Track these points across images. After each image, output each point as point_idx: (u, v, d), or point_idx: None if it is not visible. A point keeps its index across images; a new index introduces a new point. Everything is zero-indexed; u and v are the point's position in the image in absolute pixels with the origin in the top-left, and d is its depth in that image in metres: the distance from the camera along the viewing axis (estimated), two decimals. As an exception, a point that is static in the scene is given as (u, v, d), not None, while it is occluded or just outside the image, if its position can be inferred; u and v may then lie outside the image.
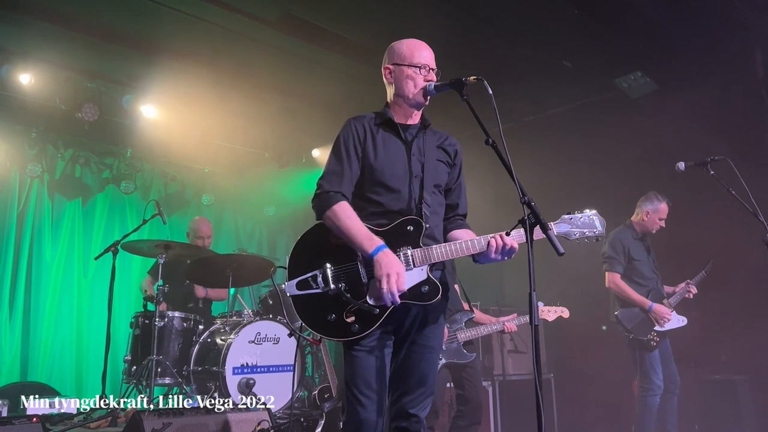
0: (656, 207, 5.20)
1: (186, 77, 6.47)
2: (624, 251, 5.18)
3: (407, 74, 2.70)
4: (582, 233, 2.61)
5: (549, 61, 6.23)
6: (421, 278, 2.54)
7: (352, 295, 2.48)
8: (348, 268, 2.53)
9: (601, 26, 5.64)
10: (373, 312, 2.47)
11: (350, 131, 2.68)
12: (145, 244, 5.35)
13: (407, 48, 2.75)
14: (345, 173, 2.62)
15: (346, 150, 2.65)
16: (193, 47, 6.11)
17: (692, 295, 5.20)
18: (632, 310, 5.08)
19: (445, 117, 3.74)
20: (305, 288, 2.51)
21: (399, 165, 2.66)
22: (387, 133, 2.71)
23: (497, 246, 2.52)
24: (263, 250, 8.70)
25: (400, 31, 3.10)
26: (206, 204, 8.37)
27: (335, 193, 2.57)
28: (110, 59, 6.39)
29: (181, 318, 5.26)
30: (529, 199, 2.30)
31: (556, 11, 5.46)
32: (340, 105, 6.96)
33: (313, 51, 6.21)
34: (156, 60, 6.29)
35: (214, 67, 6.43)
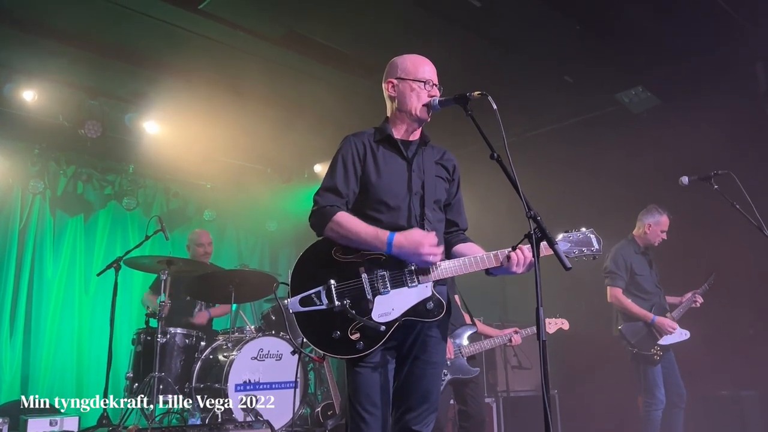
0: (657, 219, 5.20)
1: (188, 94, 6.52)
2: (626, 266, 5.18)
3: (411, 89, 2.70)
4: (580, 251, 2.62)
5: (551, 76, 6.27)
6: (425, 294, 2.52)
7: (356, 312, 2.47)
8: (352, 285, 2.51)
9: (602, 41, 5.68)
10: (379, 329, 2.46)
11: (349, 148, 2.67)
12: (148, 260, 5.35)
13: (411, 63, 2.76)
14: (341, 190, 2.61)
15: (344, 167, 2.64)
16: (196, 64, 6.15)
17: (699, 304, 5.20)
18: (635, 324, 5.07)
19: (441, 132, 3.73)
20: (308, 304, 2.50)
21: (400, 182, 2.66)
22: (387, 150, 2.71)
23: (519, 260, 2.50)
24: (265, 266, 8.69)
25: (402, 47, 3.12)
26: (208, 219, 8.38)
27: (331, 207, 2.57)
28: (113, 76, 6.44)
29: (183, 334, 5.24)
30: (535, 214, 2.29)
31: (558, 26, 5.50)
32: (342, 120, 6.98)
33: (315, 67, 6.26)
34: (159, 77, 6.34)
35: (216, 83, 6.47)
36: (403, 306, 2.50)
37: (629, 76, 6.18)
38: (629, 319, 5.09)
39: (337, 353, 2.50)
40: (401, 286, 2.51)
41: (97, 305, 7.25)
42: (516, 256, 2.49)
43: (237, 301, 5.55)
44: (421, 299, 2.51)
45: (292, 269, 2.60)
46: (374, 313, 2.48)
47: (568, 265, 2.22)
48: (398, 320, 2.48)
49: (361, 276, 2.51)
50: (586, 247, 2.62)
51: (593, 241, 2.62)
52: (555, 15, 5.34)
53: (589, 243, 2.62)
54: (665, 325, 4.99)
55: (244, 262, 7.72)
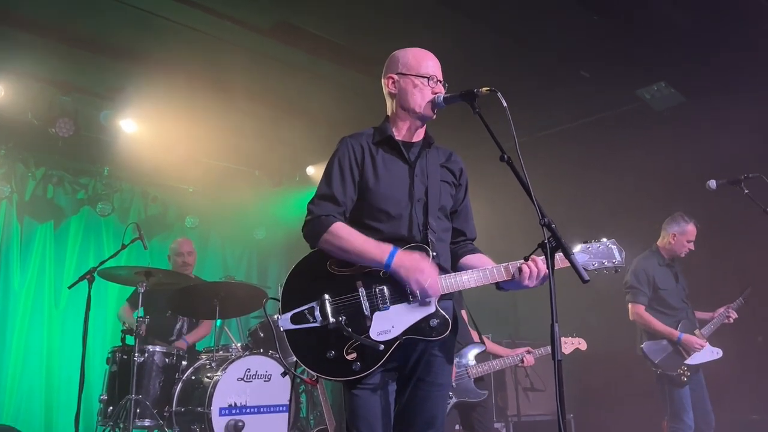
0: (683, 229, 5.20)
1: (170, 89, 6.50)
2: (648, 280, 5.17)
3: (414, 85, 2.70)
4: (601, 263, 2.61)
5: (565, 71, 6.27)
6: (429, 311, 2.51)
7: (353, 330, 2.45)
8: (349, 300, 2.50)
9: (621, 33, 5.68)
10: (378, 348, 2.44)
11: (346, 151, 2.66)
12: (124, 271, 5.32)
13: (413, 57, 2.76)
14: (338, 198, 2.61)
15: (341, 172, 2.63)
16: (178, 57, 6.15)
17: (732, 319, 5.18)
18: (659, 343, 5.05)
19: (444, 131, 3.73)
20: (301, 322, 2.48)
21: (401, 188, 2.65)
22: (388, 152, 2.70)
23: (532, 272, 2.48)
24: (252, 278, 8.67)
25: (403, 39, 3.12)
26: (190, 227, 8.36)
27: (327, 216, 2.57)
28: (87, 70, 6.43)
29: (162, 353, 5.21)
30: (549, 221, 2.28)
31: (573, 17, 5.51)
32: (338, 118, 6.99)
33: (308, 60, 6.26)
34: (137, 71, 6.33)
35: (200, 78, 6.47)
36: (404, 323, 2.48)
37: (651, 71, 6.18)
38: (652, 337, 5.08)
39: (332, 375, 2.48)
40: (402, 302, 2.50)
41: (68, 320, 7.21)
42: (528, 268, 2.48)
43: (222, 317, 5.53)
44: (424, 316, 2.50)
45: (283, 283, 2.59)
46: (372, 330, 2.46)
47: (586, 277, 2.21)
48: (399, 339, 2.46)
49: (358, 290, 2.50)
50: (607, 260, 2.61)
51: (615, 253, 2.62)
52: (570, 4, 5.35)
53: (610, 255, 2.61)
54: (692, 342, 4.97)
55: (229, 274, 7.70)
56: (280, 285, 7.43)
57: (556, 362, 2.17)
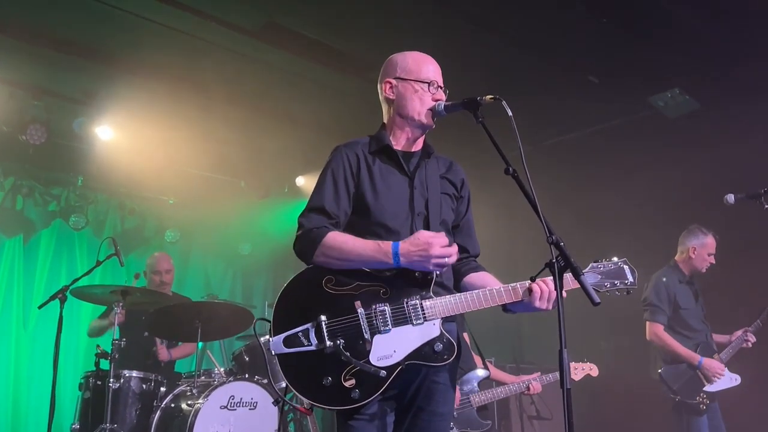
0: (703, 241, 5.23)
1: (149, 94, 6.51)
2: (669, 298, 5.19)
3: (413, 90, 2.72)
4: (612, 284, 2.62)
5: (572, 77, 6.31)
6: (433, 334, 2.50)
7: (351, 354, 2.44)
8: (347, 322, 2.48)
9: (632, 36, 5.73)
10: (378, 375, 2.43)
11: (341, 161, 2.67)
12: (99, 290, 5.30)
13: (413, 61, 2.78)
14: (330, 210, 2.62)
15: (334, 184, 2.64)
16: (158, 60, 6.16)
17: (751, 344, 5.20)
18: (678, 367, 5.06)
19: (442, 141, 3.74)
20: (294, 345, 2.47)
21: (400, 201, 2.66)
22: (385, 163, 2.71)
23: (543, 293, 2.47)
24: (237, 297, 8.65)
25: (400, 42, 3.14)
26: (170, 241, 8.34)
27: (318, 229, 2.57)
28: (61, 73, 6.43)
29: (139, 378, 5.18)
30: (558, 239, 2.29)
31: (580, 19, 5.55)
32: (330, 125, 7.01)
33: (299, 64, 6.27)
34: (114, 74, 6.33)
35: (181, 82, 6.48)
36: (406, 347, 2.47)
37: (664, 77, 6.23)
38: (671, 361, 5.09)
39: (329, 403, 2.46)
40: (404, 324, 2.49)
41: (38, 343, 7.17)
42: (539, 288, 2.48)
43: (204, 339, 5.51)
44: (427, 339, 2.49)
45: (273, 302, 2.57)
46: (373, 355, 2.45)
47: (597, 299, 2.22)
48: (401, 364, 2.45)
49: (357, 311, 2.48)
50: (618, 280, 2.62)
51: (627, 273, 2.63)
52: (577, 6, 5.40)
53: (621, 275, 2.62)
54: (713, 368, 4.99)
55: (212, 293, 7.67)
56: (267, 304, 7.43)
57: (565, 391, 2.17)
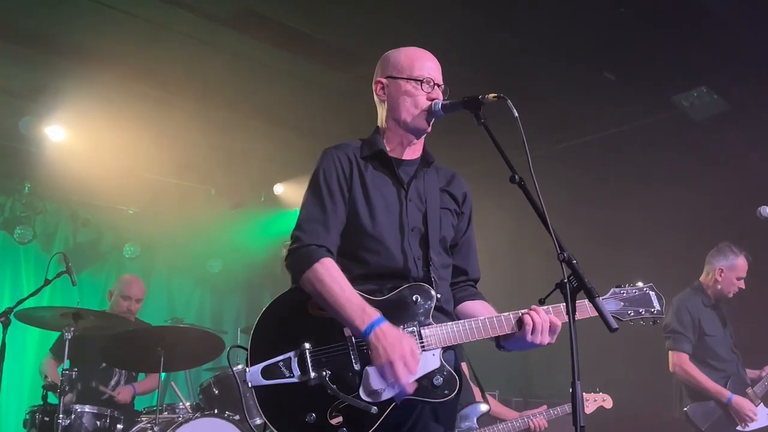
0: (732, 263, 5.24)
1: (107, 90, 6.49)
2: (693, 324, 5.20)
3: (405, 90, 2.72)
4: (637, 312, 2.63)
5: (586, 73, 6.33)
6: (433, 366, 2.49)
7: (339, 387, 2.43)
8: (334, 350, 2.48)
9: (653, 27, 5.75)
10: (369, 411, 2.40)
11: (332, 165, 2.67)
12: (48, 313, 5.26)
13: (406, 57, 2.78)
14: (329, 220, 2.60)
15: (329, 189, 2.64)
16: (118, 51, 6.13)
17: None
18: (707, 405, 5.06)
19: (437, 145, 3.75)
20: (274, 376, 2.46)
21: (393, 214, 2.66)
22: (378, 170, 2.72)
23: (536, 325, 2.48)
24: (205, 321, 8.62)
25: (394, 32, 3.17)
26: (130, 257, 8.31)
27: (318, 248, 2.55)
28: (4, 65, 6.39)
29: (93, 414, 5.13)
30: (570, 256, 2.29)
31: (595, 8, 5.58)
32: (313, 126, 7.02)
33: (277, 56, 6.27)
34: (66, 67, 6.30)
35: (144, 77, 6.45)
36: None
37: (690, 74, 6.25)
38: (698, 397, 5.09)
39: None
40: None
41: (-24, 373, 7.12)
42: (531, 320, 2.48)
43: (168, 369, 5.48)
44: (426, 372, 2.47)
45: (253, 328, 2.55)
46: (363, 389, 2.43)
47: (614, 325, 2.21)
48: (394, 400, 2.43)
49: (346, 338, 2.48)
50: (643, 308, 2.64)
51: (653, 300, 2.65)
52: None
53: (647, 302, 2.64)
54: (744, 407, 4.98)
55: (177, 316, 7.65)
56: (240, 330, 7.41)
57: (579, 429, 2.17)
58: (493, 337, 2.58)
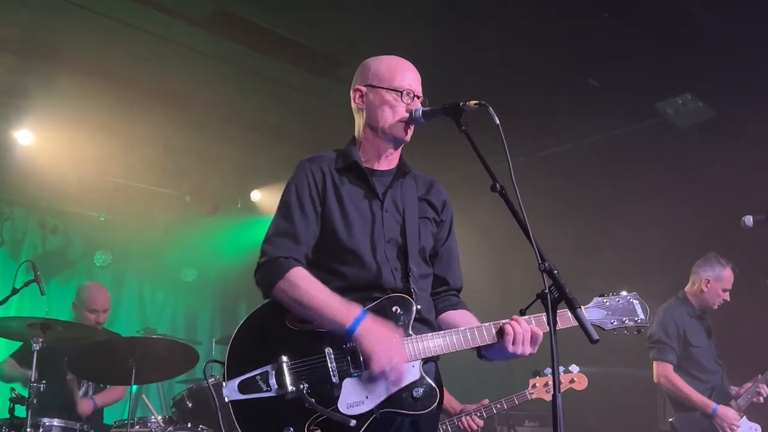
0: (719, 274, 5.28)
1: (76, 92, 6.45)
2: (679, 334, 5.23)
3: (385, 100, 2.73)
4: (620, 321, 2.65)
5: (569, 80, 6.37)
6: (412, 377, 2.50)
7: (317, 401, 2.43)
8: (312, 363, 2.49)
9: (638, 33, 5.80)
10: (348, 424, 2.41)
11: (305, 178, 2.70)
12: (15, 323, 5.16)
13: (387, 67, 2.79)
14: (299, 234, 2.62)
15: (300, 203, 2.66)
16: (89, 52, 6.09)
17: (763, 398, 5.22)
18: (692, 416, 5.09)
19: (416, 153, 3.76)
20: (252, 390, 2.46)
21: (368, 226, 2.67)
22: (353, 182, 2.73)
23: (517, 334, 2.49)
24: (178, 331, 8.55)
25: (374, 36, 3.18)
26: (100, 265, 8.24)
27: (286, 259, 2.57)
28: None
29: (61, 428, 5.06)
30: (551, 266, 2.31)
31: (579, 15, 5.62)
32: (291, 130, 7.01)
33: (253, 59, 6.26)
34: (36, 68, 6.25)
35: (116, 79, 6.42)
36: (382, 393, 2.46)
37: (674, 81, 6.31)
38: (683, 408, 5.12)
39: None
40: None
41: (-61, 385, 7.03)
42: (511, 329, 2.50)
43: (139, 382, 5.45)
44: (406, 384, 2.49)
45: (230, 341, 2.55)
46: (342, 402, 2.44)
47: (595, 336, 2.22)
48: (374, 413, 2.45)
49: (324, 351, 2.49)
50: (627, 317, 2.66)
51: (637, 309, 2.68)
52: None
53: (631, 312, 2.67)
54: (729, 418, 5.02)
55: (149, 326, 7.60)
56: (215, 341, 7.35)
57: (558, 438, 2.19)
58: (474, 347, 2.58)
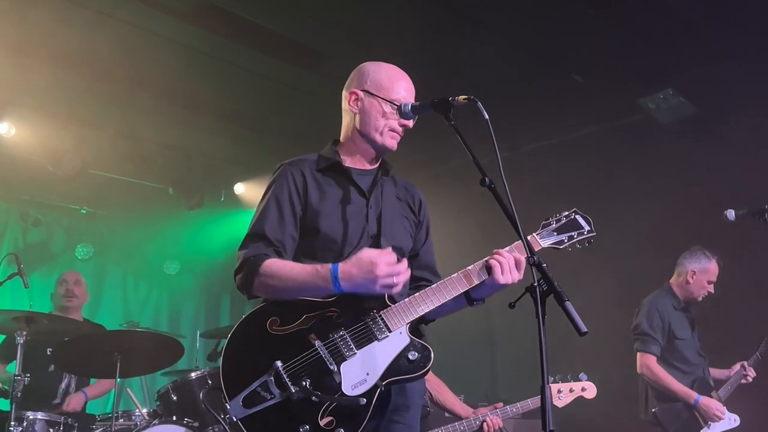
0: (705, 266, 5.34)
1: (59, 84, 6.39)
2: (663, 326, 5.29)
3: (380, 110, 2.79)
4: (570, 237, 2.85)
5: (553, 75, 6.40)
6: (403, 343, 2.59)
7: (322, 392, 2.49)
8: (306, 359, 2.53)
9: (620, 29, 5.84)
10: (358, 404, 2.48)
11: (284, 182, 2.75)
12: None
13: (387, 76, 2.84)
14: (271, 237, 2.68)
15: (278, 207, 2.72)
16: (70, 42, 6.01)
17: (750, 379, 5.32)
18: (674, 406, 5.16)
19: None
20: (256, 403, 2.49)
21: (354, 224, 2.73)
22: (336, 182, 2.79)
23: (503, 265, 2.61)
24: (162, 325, 8.54)
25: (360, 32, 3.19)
26: (82, 258, 8.21)
27: (256, 257, 2.63)
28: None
29: (45, 421, 5.03)
30: (540, 260, 2.38)
31: (563, 10, 5.63)
32: (274, 124, 6.98)
33: (238, 52, 6.24)
34: (16, 60, 6.20)
35: (98, 70, 6.36)
36: (380, 366, 2.55)
37: (656, 76, 6.36)
38: (665, 399, 5.18)
39: None
40: (370, 342, 2.57)
41: None
42: (498, 261, 2.62)
43: (124, 375, 5.43)
44: (399, 351, 2.57)
45: (220, 363, 2.58)
46: (345, 385, 2.51)
47: (583, 328, 2.28)
48: (379, 386, 2.53)
49: (314, 344, 2.54)
50: (575, 231, 2.86)
51: (581, 222, 2.88)
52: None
53: (577, 225, 2.87)
54: (711, 408, 5.09)
55: (132, 319, 7.57)
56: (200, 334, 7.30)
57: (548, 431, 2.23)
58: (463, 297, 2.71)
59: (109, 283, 8.55)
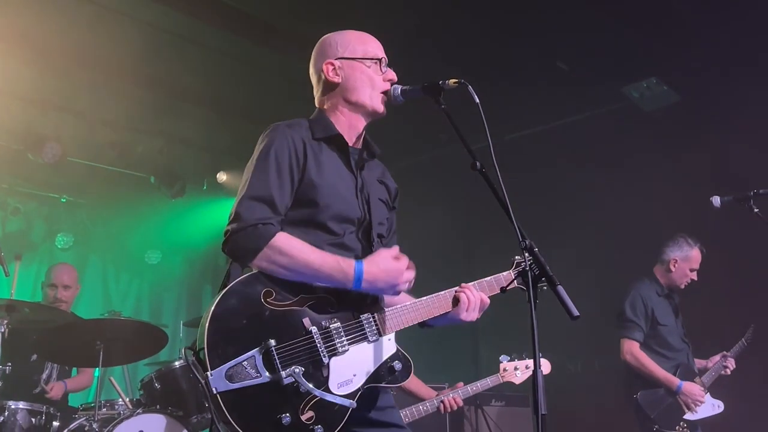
0: (687, 254, 5.38)
1: (32, 65, 6.33)
2: (646, 313, 5.33)
3: (363, 71, 2.72)
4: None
5: (539, 63, 6.42)
6: (390, 351, 2.55)
7: (312, 383, 2.37)
8: (300, 344, 2.40)
9: (604, 17, 5.86)
10: (344, 405, 2.40)
11: (285, 143, 2.56)
12: (-22, 306, 5.15)
13: (356, 38, 2.78)
14: (275, 200, 2.49)
15: (278, 169, 2.52)
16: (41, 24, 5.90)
17: (730, 371, 5.38)
18: (656, 392, 5.20)
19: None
20: (240, 378, 2.29)
21: (347, 202, 2.64)
22: (334, 155, 2.68)
23: (471, 302, 2.64)
24: (143, 314, 8.48)
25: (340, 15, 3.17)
26: (62, 248, 8.13)
27: (265, 225, 2.43)
28: None
29: (27, 411, 5.01)
30: (532, 244, 2.37)
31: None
32: (256, 110, 6.96)
33: (218, 37, 6.22)
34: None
35: (75, 52, 6.29)
36: (365, 369, 2.48)
37: (640, 64, 6.39)
38: (648, 385, 5.22)
39: None
40: (361, 342, 2.50)
41: None
42: (466, 297, 2.65)
43: (106, 364, 5.39)
44: (385, 358, 2.53)
45: (206, 325, 2.32)
46: (332, 382, 2.41)
47: (576, 312, 2.27)
48: (361, 389, 2.45)
49: (309, 330, 2.42)
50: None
51: None
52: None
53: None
54: (694, 394, 5.15)
55: (113, 309, 7.53)
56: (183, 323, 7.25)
57: (540, 417, 2.23)
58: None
59: (90, 272, 8.47)
